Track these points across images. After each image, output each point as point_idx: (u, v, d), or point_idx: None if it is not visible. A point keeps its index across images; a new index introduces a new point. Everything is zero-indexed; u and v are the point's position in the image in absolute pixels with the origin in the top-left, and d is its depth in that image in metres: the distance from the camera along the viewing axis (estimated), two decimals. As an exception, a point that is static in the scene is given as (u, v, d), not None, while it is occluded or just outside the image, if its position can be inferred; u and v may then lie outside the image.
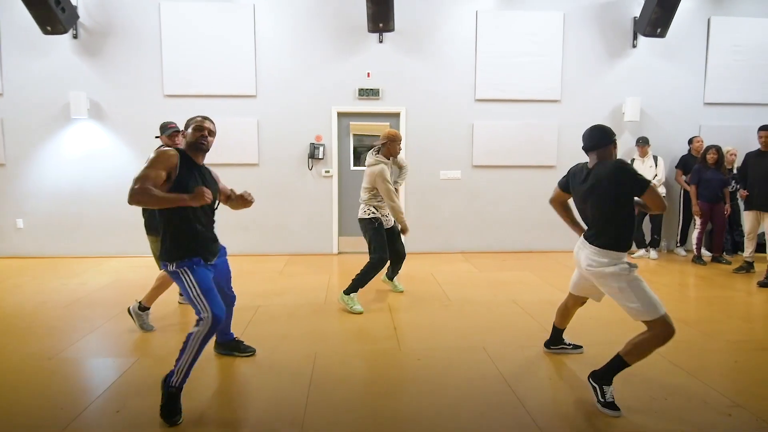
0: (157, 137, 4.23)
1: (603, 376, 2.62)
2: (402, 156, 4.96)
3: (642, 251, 6.93)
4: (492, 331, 3.86)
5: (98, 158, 6.71)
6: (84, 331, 3.83)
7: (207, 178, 2.79)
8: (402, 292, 4.98)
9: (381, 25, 6.36)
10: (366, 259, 4.43)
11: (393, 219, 4.57)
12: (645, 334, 2.53)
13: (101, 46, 6.59)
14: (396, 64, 6.85)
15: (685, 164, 6.97)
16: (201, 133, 2.69)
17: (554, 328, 3.36)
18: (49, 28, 6.14)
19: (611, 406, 2.54)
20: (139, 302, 3.85)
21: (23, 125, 6.61)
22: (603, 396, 2.58)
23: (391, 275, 5.02)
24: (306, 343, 3.60)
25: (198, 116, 2.76)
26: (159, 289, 3.88)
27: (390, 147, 4.46)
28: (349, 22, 6.75)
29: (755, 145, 5.87)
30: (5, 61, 6.53)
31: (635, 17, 6.96)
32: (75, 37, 6.53)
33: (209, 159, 2.86)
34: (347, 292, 4.39)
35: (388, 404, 2.69)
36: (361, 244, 4.83)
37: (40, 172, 6.69)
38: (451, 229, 7.14)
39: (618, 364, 2.58)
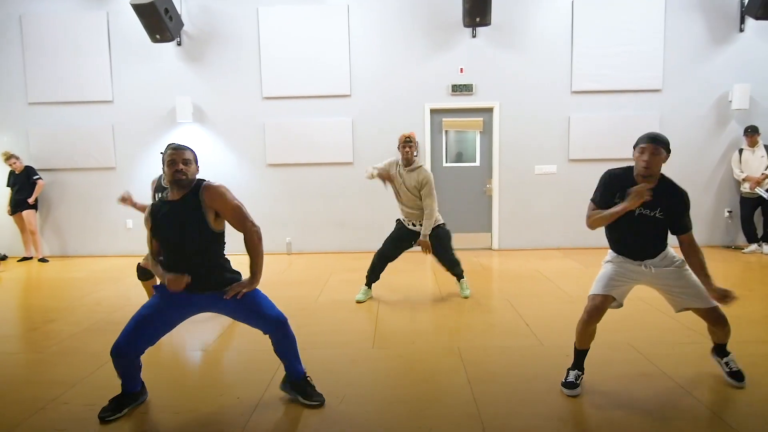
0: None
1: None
2: (417, 176, 4.41)
3: (754, 246, 6.57)
4: (631, 328, 3.74)
5: (201, 159, 6.95)
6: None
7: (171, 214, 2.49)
8: (467, 297, 4.65)
9: (478, 19, 6.31)
10: (458, 255, 4.70)
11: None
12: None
13: (203, 52, 6.86)
14: (489, 59, 6.77)
15: (796, 154, 6.57)
16: (175, 168, 2.45)
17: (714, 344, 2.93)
18: (158, 36, 6.43)
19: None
20: None
21: (132, 130, 6.97)
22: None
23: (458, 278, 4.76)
24: (444, 338, 3.61)
25: (168, 147, 2.54)
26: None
27: (400, 151, 4.39)
28: (440, 18, 6.74)
29: None
30: (115, 70, 6.90)
31: (742, 0, 6.61)
32: (179, 44, 6.82)
33: (306, 159, 2.77)
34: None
35: (548, 399, 2.65)
36: (453, 241, 4.77)
37: (149, 174, 7.01)
38: (547, 225, 7.01)
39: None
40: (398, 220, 4.70)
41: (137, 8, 6.11)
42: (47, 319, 4.27)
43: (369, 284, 4.68)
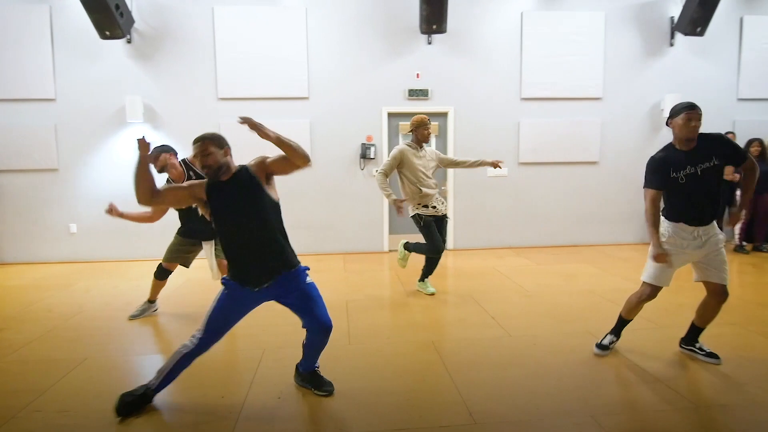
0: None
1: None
2: (433, 149, 4.82)
3: (685, 243, 7.15)
4: (587, 318, 4.01)
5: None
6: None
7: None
8: (433, 294, 4.76)
9: (434, 26, 6.51)
10: (418, 258, 4.92)
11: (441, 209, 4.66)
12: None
13: (155, 51, 6.65)
14: (444, 65, 7.00)
15: (719, 158, 7.22)
16: (202, 163, 2.55)
17: (693, 326, 3.22)
18: (107, 32, 6.18)
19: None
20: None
21: (77, 130, 6.64)
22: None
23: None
24: (418, 333, 3.72)
25: (195, 140, 2.59)
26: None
27: (417, 133, 4.55)
28: (398, 23, 6.89)
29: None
30: (59, 66, 6.56)
31: (673, 17, 7.20)
32: (129, 41, 6.58)
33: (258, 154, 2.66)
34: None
35: (526, 384, 2.82)
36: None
37: (94, 176, 6.72)
38: (499, 225, 7.31)
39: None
40: (419, 216, 4.57)
41: (86, 3, 5.85)
42: (-4, 328, 4.02)
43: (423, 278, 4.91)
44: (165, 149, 4.04)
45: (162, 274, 4.23)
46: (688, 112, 2.84)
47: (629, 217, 7.42)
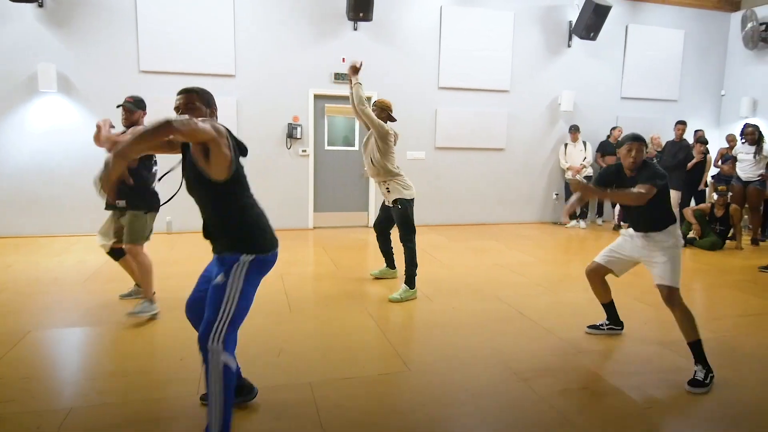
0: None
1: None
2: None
3: (573, 222, 8.17)
4: (495, 286, 4.66)
5: (66, 133, 6.47)
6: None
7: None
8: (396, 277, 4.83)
9: (361, 14, 6.82)
10: (341, 235, 4.70)
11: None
12: (678, 314, 2.87)
13: (70, 17, 6.35)
14: (368, 52, 7.34)
15: (603, 148, 8.30)
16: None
17: (604, 305, 3.48)
18: (17, -6, 5.83)
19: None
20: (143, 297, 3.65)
21: (-19, 97, 6.21)
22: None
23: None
24: (352, 301, 4.15)
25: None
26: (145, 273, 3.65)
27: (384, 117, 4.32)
28: (325, 8, 7.12)
29: (662, 134, 7.28)
30: (-43, 27, 6.07)
31: (571, 21, 8.08)
32: (41, 5, 6.22)
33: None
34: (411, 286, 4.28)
35: (449, 339, 3.37)
36: (333, 219, 4.71)
37: (3, 147, 6.33)
38: (418, 204, 7.84)
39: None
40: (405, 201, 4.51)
41: (-7, -39, 5.49)
42: None
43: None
44: (142, 106, 3.79)
45: (115, 254, 3.87)
46: (629, 143, 2.92)
47: (529, 198, 8.33)
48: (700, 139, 7.70)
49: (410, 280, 4.25)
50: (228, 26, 6.80)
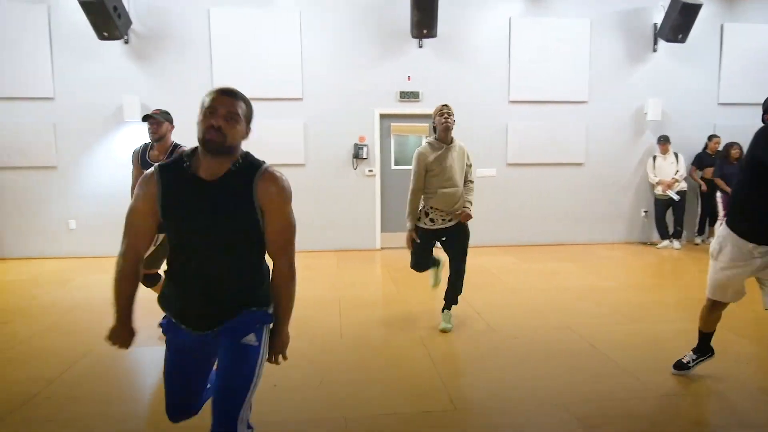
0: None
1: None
2: (460, 147, 3.96)
3: (666, 242, 7.40)
4: (564, 313, 4.24)
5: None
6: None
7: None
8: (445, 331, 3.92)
9: (425, 31, 6.70)
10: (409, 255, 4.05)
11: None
12: None
13: (152, 51, 6.80)
14: (435, 68, 7.20)
15: (700, 161, 7.51)
16: (209, 122, 1.59)
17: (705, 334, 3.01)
18: (105, 33, 6.32)
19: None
20: None
21: (76, 128, 6.78)
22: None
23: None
24: (408, 327, 3.93)
25: (215, 90, 1.66)
26: None
27: (435, 123, 3.75)
28: (390, 27, 7.08)
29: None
30: (57, 66, 6.69)
31: (656, 24, 7.44)
32: (126, 42, 6.72)
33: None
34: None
35: (504, 375, 3.05)
36: (401, 240, 4.19)
37: (92, 174, 6.87)
38: (487, 223, 7.53)
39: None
40: (419, 229, 4.02)
41: (85, 5, 5.99)
42: (1, 320, 4.18)
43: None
44: (170, 119, 3.79)
45: (148, 280, 3.56)
46: None
47: (612, 217, 7.68)
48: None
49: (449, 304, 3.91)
50: (295, 51, 6.96)
